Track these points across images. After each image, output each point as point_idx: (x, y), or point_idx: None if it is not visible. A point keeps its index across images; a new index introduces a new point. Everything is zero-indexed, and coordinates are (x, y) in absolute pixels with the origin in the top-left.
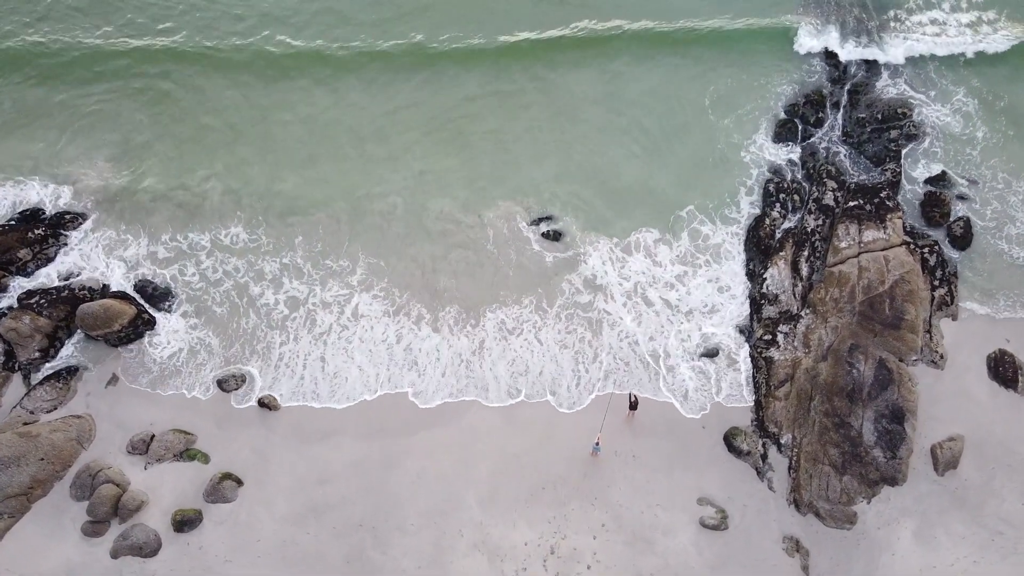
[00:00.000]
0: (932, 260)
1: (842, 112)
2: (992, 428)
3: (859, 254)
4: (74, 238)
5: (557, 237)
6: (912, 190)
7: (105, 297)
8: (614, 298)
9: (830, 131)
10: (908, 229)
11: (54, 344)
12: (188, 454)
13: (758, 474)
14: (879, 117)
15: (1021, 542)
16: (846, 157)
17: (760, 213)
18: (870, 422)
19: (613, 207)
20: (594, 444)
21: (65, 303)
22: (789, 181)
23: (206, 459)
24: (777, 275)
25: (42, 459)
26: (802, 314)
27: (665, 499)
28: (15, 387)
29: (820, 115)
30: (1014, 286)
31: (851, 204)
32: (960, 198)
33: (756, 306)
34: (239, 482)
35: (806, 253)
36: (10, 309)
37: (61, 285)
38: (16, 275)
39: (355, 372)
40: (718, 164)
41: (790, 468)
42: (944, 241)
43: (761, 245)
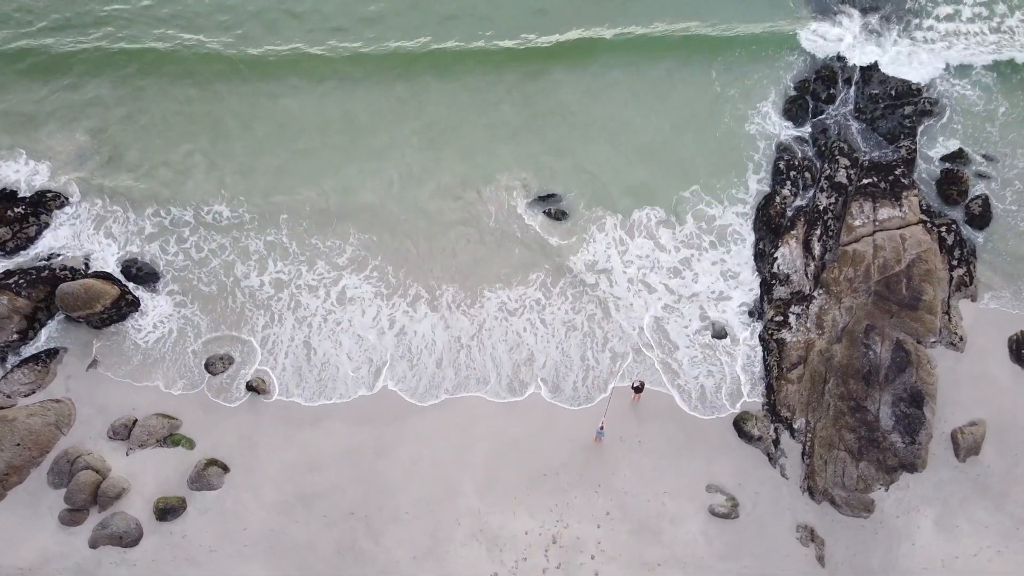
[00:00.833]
0: (950, 240)
1: (854, 88)
2: (1015, 412)
3: (874, 232)
4: (56, 217)
5: (560, 216)
6: (928, 168)
7: (87, 277)
8: (618, 281)
9: (842, 107)
10: (924, 208)
11: (33, 326)
12: (172, 440)
13: (770, 460)
14: (893, 93)
15: None
16: (859, 134)
17: (770, 191)
18: (887, 406)
19: (618, 185)
20: (598, 429)
21: (45, 283)
22: (800, 158)
23: (191, 445)
24: (788, 254)
25: (18, 444)
26: (815, 294)
27: (672, 486)
28: None
29: (831, 91)
30: None
31: (865, 182)
32: (978, 176)
33: (766, 287)
34: (225, 469)
35: (818, 232)
36: None
37: (41, 265)
38: None
39: (345, 363)
40: (726, 140)
41: (804, 454)
42: (962, 220)
43: (771, 224)
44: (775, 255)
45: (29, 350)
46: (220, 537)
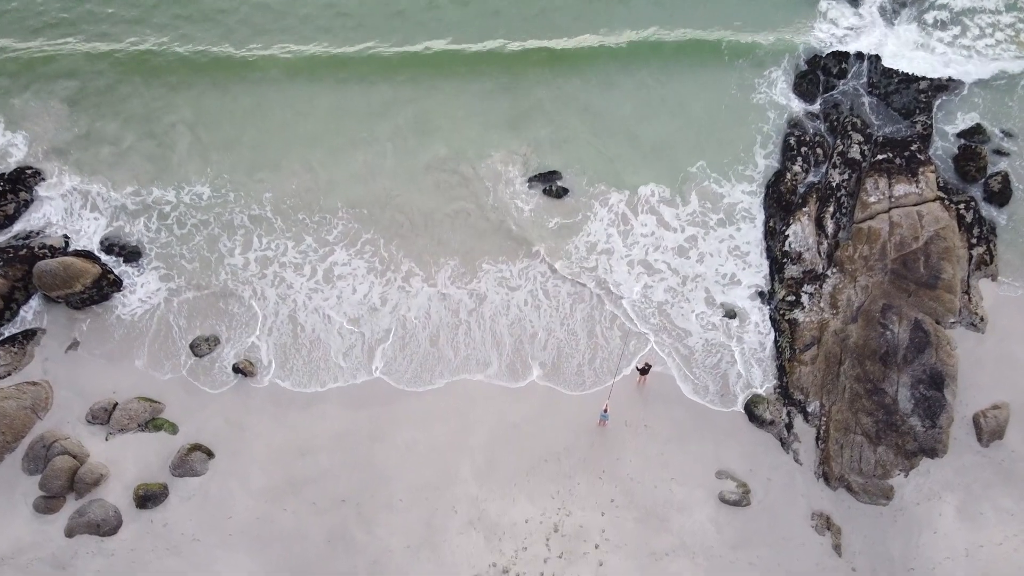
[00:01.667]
0: (969, 217)
1: (867, 62)
2: None
3: (890, 209)
4: (36, 195)
5: (561, 194)
6: (944, 145)
7: (66, 255)
8: (621, 260)
9: (854, 81)
10: (941, 185)
11: (10, 306)
12: (154, 424)
13: (783, 445)
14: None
15: None
16: (872, 109)
17: (780, 168)
18: (906, 388)
19: (621, 160)
20: (601, 412)
21: (23, 262)
22: (811, 134)
23: (174, 429)
24: (800, 232)
25: None
26: (828, 273)
27: (680, 472)
28: None
29: (843, 65)
30: None
31: (879, 158)
32: (997, 152)
33: (777, 266)
34: (210, 454)
35: (831, 209)
36: None
37: (19, 243)
38: None
39: (337, 341)
40: (734, 113)
41: (818, 438)
42: (981, 198)
43: (782, 201)
44: (786, 233)
45: (5, 331)
46: (204, 525)
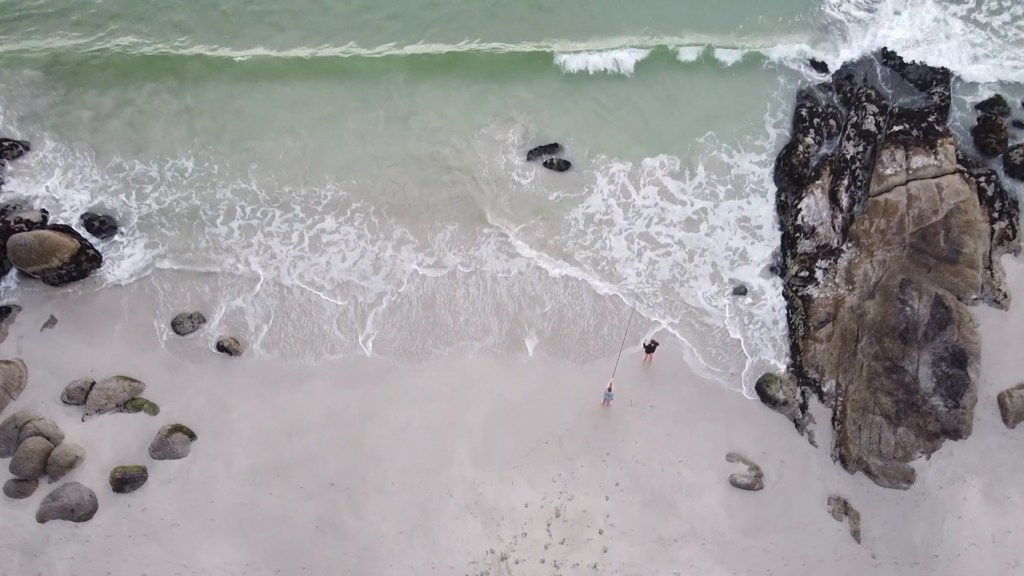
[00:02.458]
0: (990, 191)
1: (882, 30)
2: None
3: (907, 182)
4: (13, 167)
5: (563, 167)
6: (963, 116)
7: (43, 229)
8: (625, 232)
9: (869, 50)
10: (961, 157)
11: None
12: (133, 404)
13: (797, 426)
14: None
15: None
16: (887, 80)
17: (791, 140)
18: (927, 366)
19: (626, 132)
20: (605, 391)
21: None
22: (824, 105)
23: (154, 409)
24: (814, 205)
25: None
26: (843, 248)
27: (689, 455)
28: None
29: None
30: None
31: (896, 129)
32: (1017, 124)
33: (789, 240)
34: (191, 435)
35: (846, 182)
36: None
37: None
38: None
39: (327, 308)
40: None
41: (834, 419)
42: (1002, 171)
43: (794, 174)
44: (799, 206)
45: None
46: (184, 510)
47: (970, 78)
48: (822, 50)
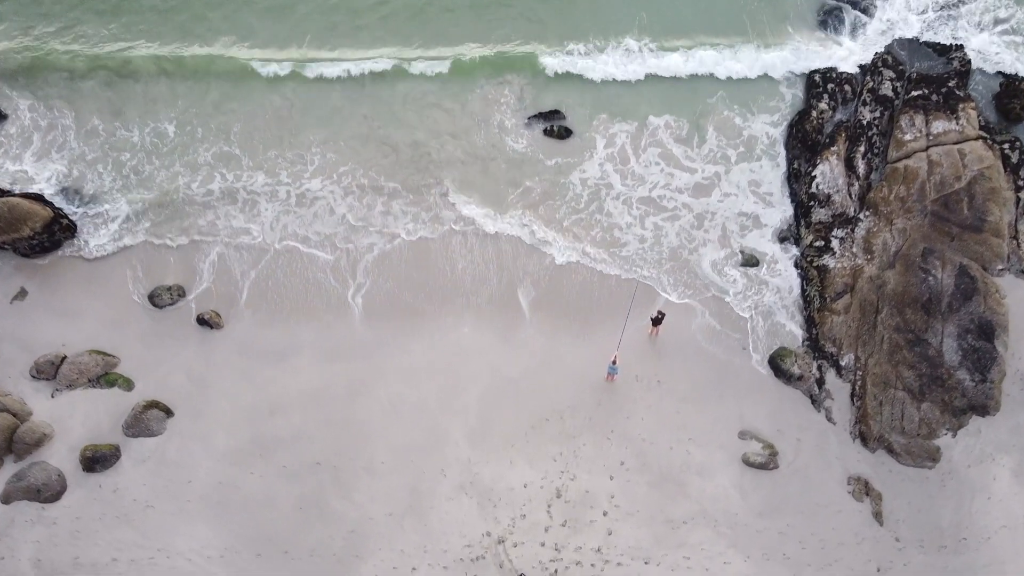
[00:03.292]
0: (1014, 158)
1: None
2: None
3: (928, 148)
4: None
5: (564, 134)
6: (984, 81)
7: (13, 196)
8: (631, 198)
9: (885, 13)
10: (983, 124)
11: None
12: (107, 379)
13: (813, 402)
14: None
15: None
16: (904, 45)
17: (804, 106)
18: (952, 339)
19: (630, 94)
20: (610, 364)
21: None
22: (838, 71)
23: (129, 385)
24: (829, 172)
25: None
26: (861, 216)
27: (699, 433)
28: None
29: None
30: None
31: (914, 94)
32: None
33: (803, 209)
34: (168, 412)
35: (862, 149)
36: None
37: None
38: None
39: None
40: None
41: (853, 395)
42: None
43: (807, 141)
44: (813, 173)
45: None
46: (159, 491)
47: (991, 42)
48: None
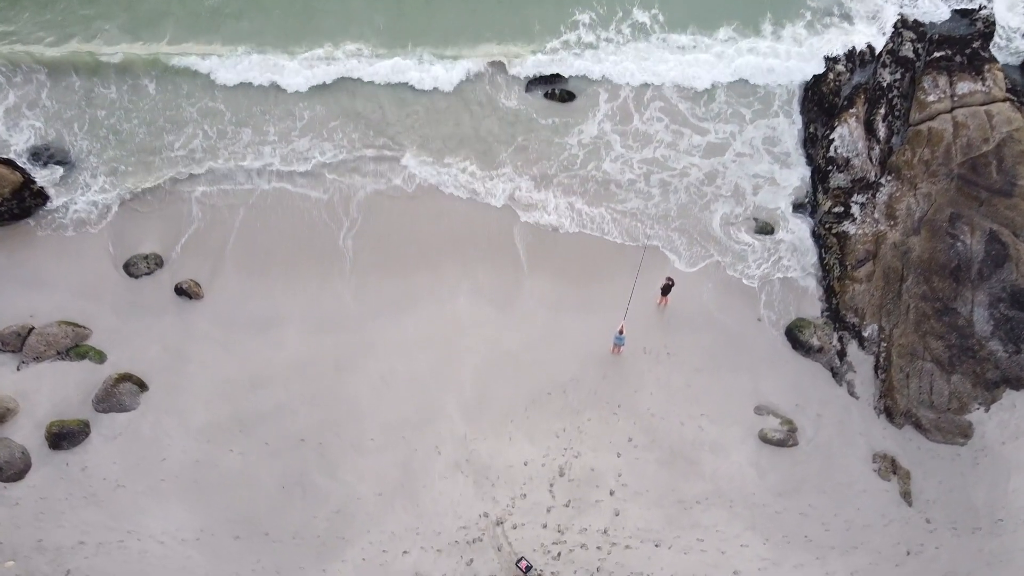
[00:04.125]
0: None
1: None
2: None
3: (953, 109)
4: None
5: (567, 98)
6: (1009, 43)
7: None
8: (635, 158)
9: None
10: (1009, 86)
11: None
12: (77, 351)
13: (834, 376)
14: None
15: None
16: (924, 4)
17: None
18: (983, 308)
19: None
20: (616, 335)
21: None
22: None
23: (100, 357)
24: (848, 135)
25: None
26: (882, 181)
27: (712, 408)
28: None
29: None
30: None
31: (937, 55)
32: None
33: (821, 174)
34: (142, 386)
35: (882, 111)
36: None
37: None
38: None
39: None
40: None
41: (877, 367)
42: None
43: (823, 104)
44: (831, 136)
45: None
46: (130, 469)
47: (1016, 3)
48: None
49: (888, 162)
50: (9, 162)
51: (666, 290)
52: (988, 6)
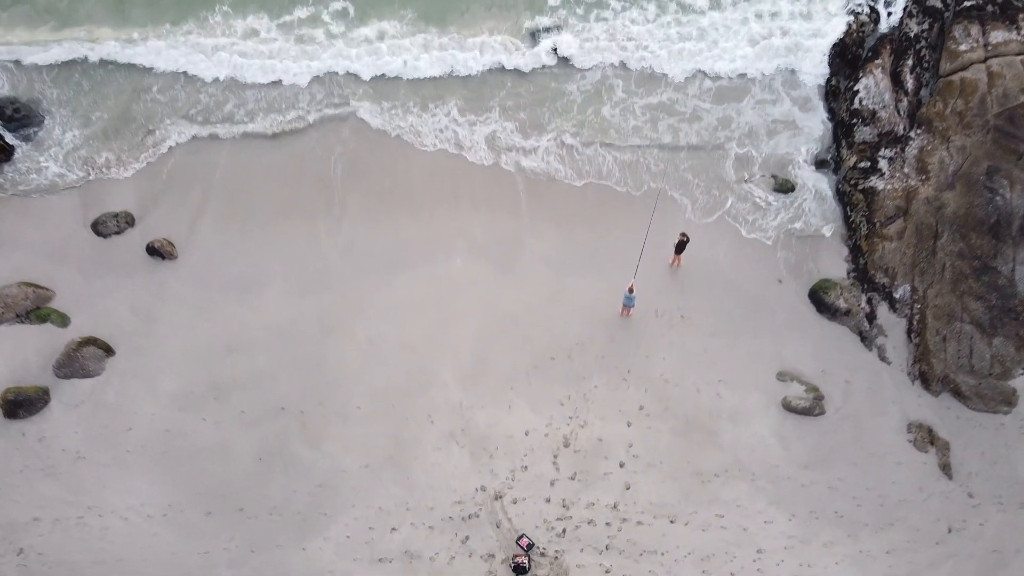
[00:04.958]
0: None
1: None
2: None
3: (986, 59)
4: None
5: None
6: None
7: None
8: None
9: None
10: None
11: None
12: (38, 314)
13: (863, 340)
14: None
15: None
16: None
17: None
18: None
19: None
20: (626, 294)
21: None
22: None
23: (63, 321)
24: (873, 86)
25: None
26: (912, 134)
27: (730, 373)
28: None
29: None
30: None
31: (967, 4)
32: None
33: (844, 129)
34: (108, 350)
35: (910, 63)
36: None
37: None
38: None
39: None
40: None
41: (910, 331)
42: None
43: (847, 55)
44: (856, 88)
45: None
46: (93, 440)
47: None
48: None
49: (917, 114)
50: None
51: (680, 247)
52: None
